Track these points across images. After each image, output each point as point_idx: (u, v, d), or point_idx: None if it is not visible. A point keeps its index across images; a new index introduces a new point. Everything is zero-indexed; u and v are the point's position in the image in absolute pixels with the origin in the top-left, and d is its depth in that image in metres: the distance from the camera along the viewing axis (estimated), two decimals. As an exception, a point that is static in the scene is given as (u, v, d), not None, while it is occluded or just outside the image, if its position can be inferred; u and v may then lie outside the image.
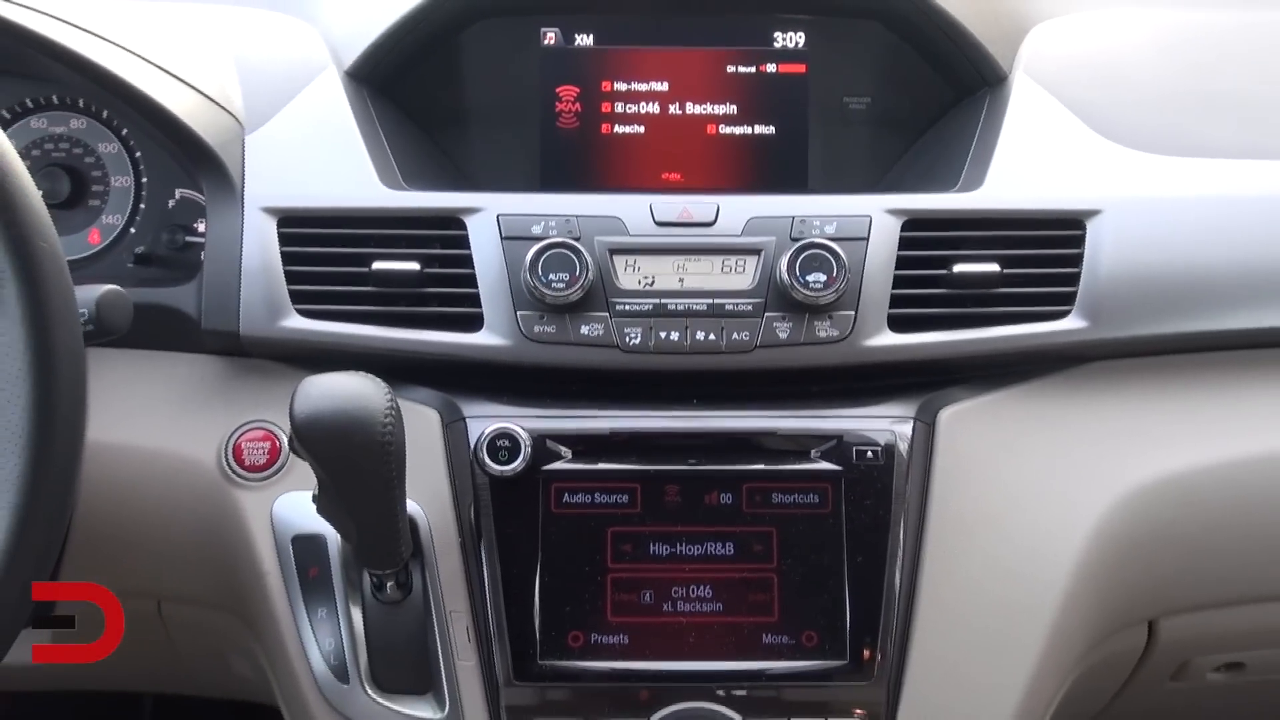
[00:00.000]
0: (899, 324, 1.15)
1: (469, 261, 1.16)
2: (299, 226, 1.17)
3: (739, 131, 1.37)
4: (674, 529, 1.13)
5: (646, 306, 1.14)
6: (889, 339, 1.15)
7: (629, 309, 1.14)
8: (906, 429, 1.15)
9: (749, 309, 1.14)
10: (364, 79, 1.30)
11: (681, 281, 1.15)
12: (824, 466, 1.14)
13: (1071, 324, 1.17)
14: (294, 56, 1.29)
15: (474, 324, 1.15)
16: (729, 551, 1.13)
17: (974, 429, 1.17)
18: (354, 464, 0.96)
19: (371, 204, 1.18)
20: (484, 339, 1.14)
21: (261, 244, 1.16)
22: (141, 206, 1.29)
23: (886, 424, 1.15)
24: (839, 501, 1.13)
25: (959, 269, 1.16)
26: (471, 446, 1.13)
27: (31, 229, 0.90)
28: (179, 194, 1.29)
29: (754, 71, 1.37)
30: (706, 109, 1.37)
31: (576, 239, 1.14)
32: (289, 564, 1.13)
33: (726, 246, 1.16)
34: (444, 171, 1.36)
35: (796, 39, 1.37)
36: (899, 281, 1.16)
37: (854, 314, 1.14)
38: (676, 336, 1.14)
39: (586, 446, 1.14)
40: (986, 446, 1.16)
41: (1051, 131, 1.25)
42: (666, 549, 1.13)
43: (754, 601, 1.12)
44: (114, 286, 1.02)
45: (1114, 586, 1.18)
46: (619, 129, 1.37)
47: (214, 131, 1.20)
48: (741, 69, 1.37)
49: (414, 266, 1.15)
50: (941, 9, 1.29)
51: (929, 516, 1.14)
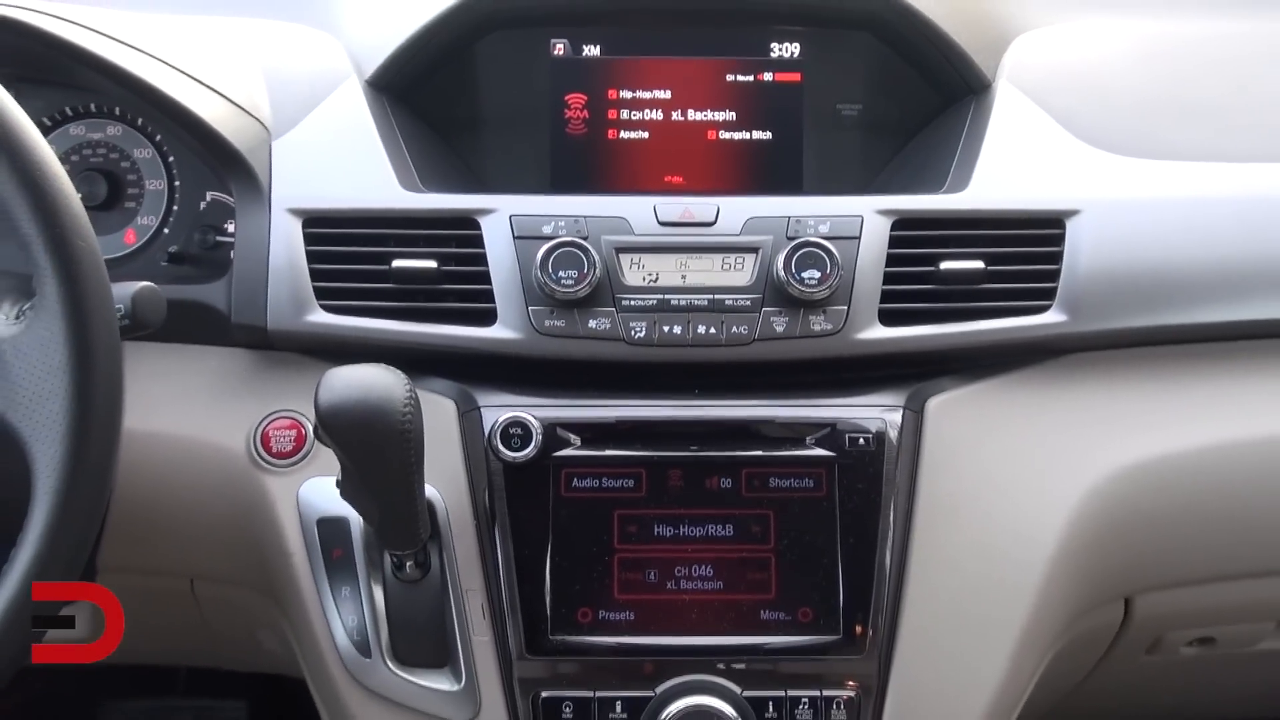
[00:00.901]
0: (889, 318, 1.15)
1: (483, 260, 1.16)
2: (323, 227, 1.17)
3: (738, 137, 1.37)
4: (677, 512, 1.13)
5: (651, 302, 1.14)
6: (879, 332, 1.15)
7: (634, 304, 1.14)
8: (896, 417, 1.15)
9: (747, 304, 1.14)
10: (384, 88, 1.30)
11: (684, 278, 1.15)
12: (818, 453, 1.14)
13: (1052, 318, 1.17)
14: (318, 67, 1.29)
15: (488, 319, 1.15)
16: (729, 533, 1.13)
17: (960, 417, 1.17)
18: (375, 451, 0.97)
19: (391, 205, 1.18)
20: (497, 333, 1.14)
21: (288, 243, 1.16)
22: (174, 208, 1.29)
23: (877, 412, 1.15)
24: (833, 486, 1.13)
25: (946, 266, 1.16)
26: (486, 434, 1.13)
27: (71, 230, 0.91)
28: (210, 196, 1.28)
29: (752, 80, 1.37)
30: (707, 115, 1.37)
31: (584, 238, 1.14)
32: (314, 545, 1.13)
33: (726, 245, 1.16)
34: (459, 175, 1.36)
35: (792, 49, 1.37)
36: (889, 278, 1.16)
37: (846, 309, 1.14)
38: (679, 330, 1.14)
39: (594, 434, 1.14)
40: (972, 433, 1.16)
41: (1033, 136, 1.25)
42: (670, 530, 1.13)
43: (752, 580, 1.12)
44: (149, 284, 1.02)
45: (1092, 565, 1.18)
46: (624, 134, 1.37)
47: (243, 137, 1.20)
48: (740, 78, 1.37)
49: (431, 264, 1.15)
50: (929, 21, 1.29)
51: (917, 500, 1.14)
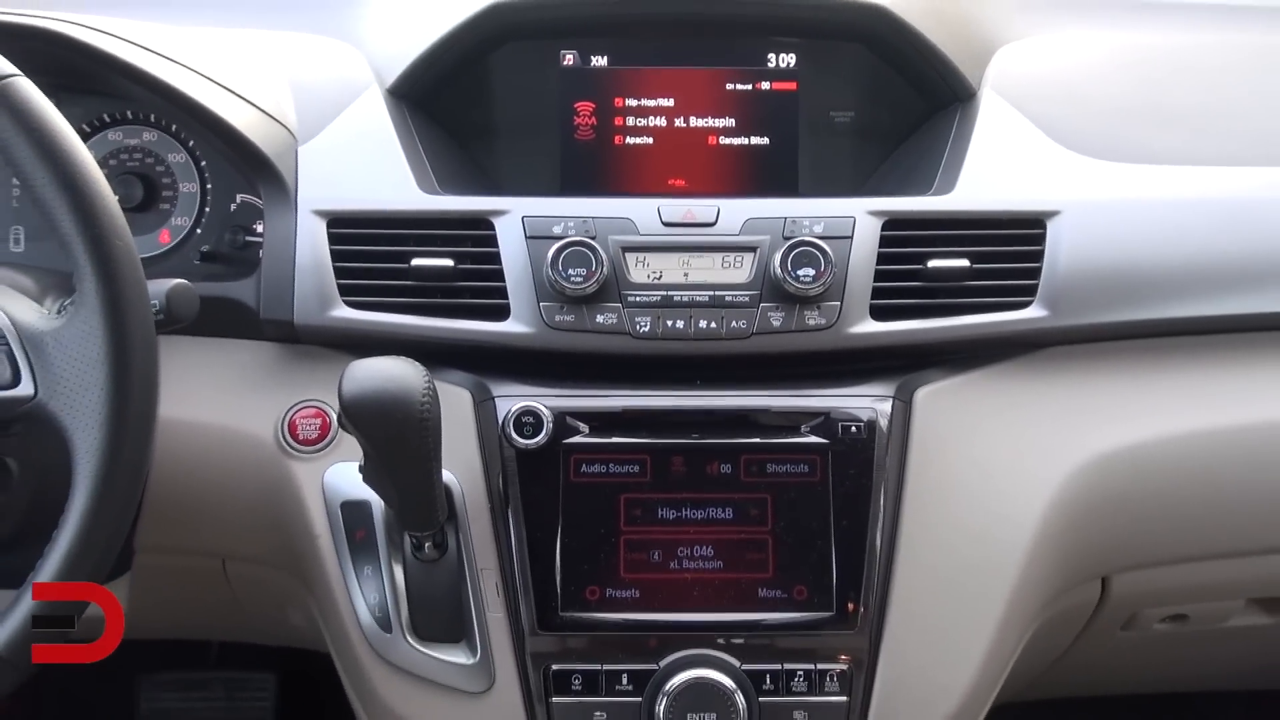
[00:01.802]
0: (879, 313, 1.15)
1: (497, 258, 1.16)
2: (346, 227, 1.17)
3: (737, 142, 1.37)
4: (680, 495, 1.13)
5: (655, 298, 1.14)
6: (871, 326, 1.15)
7: (639, 300, 1.14)
8: (886, 407, 1.15)
9: (746, 300, 1.14)
10: (403, 96, 1.30)
11: (686, 276, 1.15)
12: (813, 440, 1.14)
13: (1033, 313, 1.17)
14: (341, 76, 1.29)
15: (502, 314, 1.15)
16: (729, 515, 1.13)
17: (947, 407, 1.16)
18: (396, 438, 0.97)
19: (410, 207, 1.18)
20: (510, 327, 1.15)
21: (313, 243, 1.16)
22: (206, 210, 1.29)
23: (869, 402, 1.15)
24: (826, 471, 1.13)
25: (933, 264, 1.16)
26: (500, 422, 1.13)
27: (110, 230, 0.91)
28: (239, 198, 1.29)
29: (750, 89, 1.37)
30: (708, 122, 1.37)
31: (592, 238, 1.14)
32: (338, 527, 1.13)
33: (726, 244, 1.16)
34: (474, 178, 1.36)
35: (788, 60, 1.36)
36: (880, 275, 1.16)
37: (839, 304, 1.14)
38: (682, 325, 1.14)
39: (602, 422, 1.14)
40: (958, 422, 1.16)
41: (1016, 141, 1.25)
42: (673, 513, 1.13)
43: (751, 560, 1.12)
44: (182, 281, 1.03)
45: (1071, 547, 1.18)
46: (630, 140, 1.37)
47: (271, 143, 1.20)
48: (739, 86, 1.37)
49: (448, 262, 1.16)
50: (918, 33, 1.29)
51: (906, 485, 1.14)
